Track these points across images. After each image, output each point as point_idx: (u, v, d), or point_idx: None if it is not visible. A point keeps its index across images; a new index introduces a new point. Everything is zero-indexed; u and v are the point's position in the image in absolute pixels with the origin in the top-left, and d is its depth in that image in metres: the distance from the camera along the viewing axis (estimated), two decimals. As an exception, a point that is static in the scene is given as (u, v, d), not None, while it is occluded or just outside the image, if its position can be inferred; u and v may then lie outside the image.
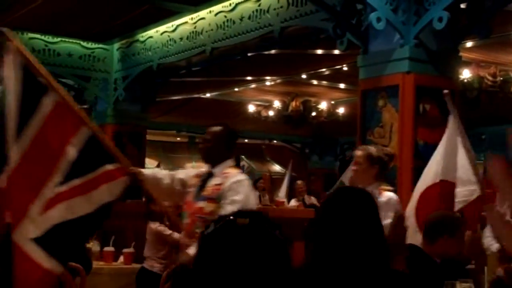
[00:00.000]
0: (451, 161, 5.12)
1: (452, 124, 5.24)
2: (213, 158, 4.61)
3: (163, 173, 4.82)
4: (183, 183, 4.71)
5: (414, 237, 4.74)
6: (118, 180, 4.32)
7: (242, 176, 4.56)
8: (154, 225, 6.68)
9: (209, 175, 4.58)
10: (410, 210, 5.09)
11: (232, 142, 4.72)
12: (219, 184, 4.47)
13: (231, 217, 1.57)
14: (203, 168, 4.67)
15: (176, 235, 6.21)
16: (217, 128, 4.71)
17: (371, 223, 2.64)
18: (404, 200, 5.74)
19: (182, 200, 4.69)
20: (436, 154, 5.24)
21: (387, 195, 4.73)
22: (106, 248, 7.14)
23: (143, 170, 4.71)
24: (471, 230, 5.33)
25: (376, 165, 4.81)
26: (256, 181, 13.52)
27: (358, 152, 4.93)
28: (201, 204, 4.47)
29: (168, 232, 6.59)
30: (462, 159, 5.11)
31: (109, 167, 4.29)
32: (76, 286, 4.85)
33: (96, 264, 6.16)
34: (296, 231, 5.42)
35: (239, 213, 1.60)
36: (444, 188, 5.05)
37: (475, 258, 6.84)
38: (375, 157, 4.82)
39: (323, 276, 2.55)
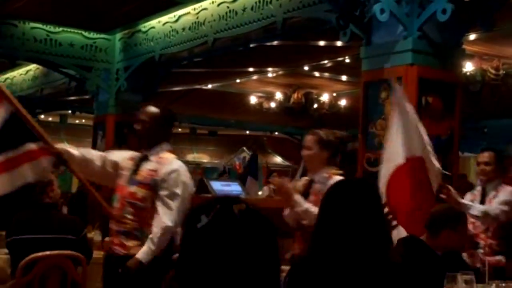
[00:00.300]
0: (412, 137, 4.88)
1: (401, 107, 4.97)
2: (149, 140, 4.47)
3: (93, 154, 4.62)
4: (115, 165, 4.54)
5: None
6: (40, 159, 4.21)
7: (178, 164, 4.41)
8: None
9: (143, 159, 4.44)
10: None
11: (170, 124, 4.57)
12: (154, 170, 4.33)
13: (223, 204, 1.48)
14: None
15: None
16: (154, 109, 4.52)
17: (373, 215, 2.64)
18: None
19: (114, 183, 4.53)
20: (393, 136, 4.98)
21: (336, 179, 4.52)
22: (107, 238, 7.13)
23: (70, 150, 4.50)
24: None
25: (327, 149, 4.70)
26: (268, 175, 13.57)
27: (308, 137, 4.80)
28: (133, 188, 4.33)
29: None
30: (424, 133, 4.94)
31: (32, 146, 4.19)
32: (78, 275, 4.87)
33: (97, 253, 6.15)
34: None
35: (227, 199, 1.52)
36: (412, 165, 4.81)
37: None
38: (325, 141, 4.71)
39: (323, 266, 2.55)
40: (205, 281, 1.41)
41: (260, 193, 13.43)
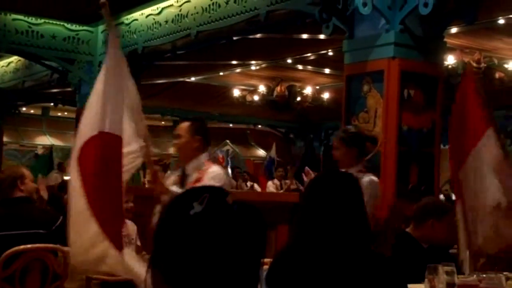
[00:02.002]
0: (117, 113, 3.98)
1: (112, 69, 4.05)
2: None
3: None
4: None
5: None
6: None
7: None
8: None
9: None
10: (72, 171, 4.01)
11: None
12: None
13: (212, 194, 1.48)
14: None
15: None
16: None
17: (354, 206, 2.66)
18: (387, 184, 5.78)
19: None
20: (93, 103, 4.04)
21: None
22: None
23: None
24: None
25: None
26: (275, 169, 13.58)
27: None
28: None
29: None
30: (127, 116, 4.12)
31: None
32: (60, 267, 4.83)
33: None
34: (279, 215, 5.42)
35: (214, 188, 1.51)
36: (105, 141, 3.91)
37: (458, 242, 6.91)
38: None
39: (305, 257, 2.56)
40: (196, 270, 1.41)
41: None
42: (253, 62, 12.01)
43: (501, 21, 8.00)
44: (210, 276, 1.39)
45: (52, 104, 16.87)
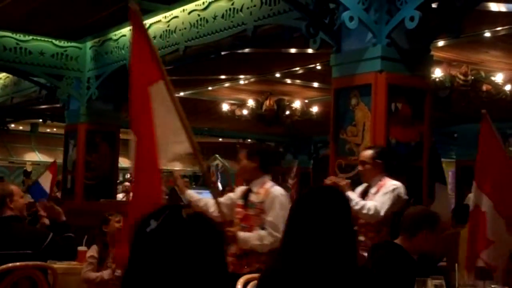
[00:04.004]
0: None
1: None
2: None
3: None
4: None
5: None
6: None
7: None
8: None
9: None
10: None
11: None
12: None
13: (172, 210, 1.55)
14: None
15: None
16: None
17: (341, 222, 2.66)
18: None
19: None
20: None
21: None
22: (79, 248, 7.08)
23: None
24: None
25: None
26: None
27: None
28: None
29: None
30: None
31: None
32: (49, 285, 4.81)
33: (68, 264, 6.10)
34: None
35: (177, 206, 1.59)
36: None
37: (447, 255, 6.93)
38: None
39: (292, 274, 2.56)
40: (153, 284, 1.46)
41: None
42: (241, 76, 12.04)
43: (487, 34, 8.06)
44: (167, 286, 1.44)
45: (40, 120, 16.85)
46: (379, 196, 5.19)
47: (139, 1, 8.36)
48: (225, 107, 14.17)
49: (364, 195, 5.37)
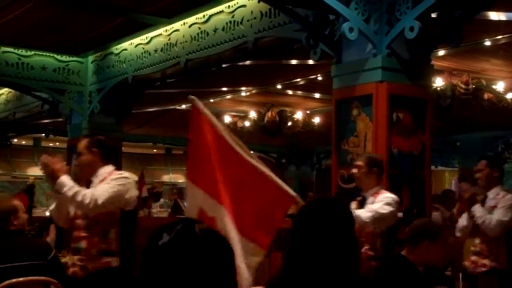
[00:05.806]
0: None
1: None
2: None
3: None
4: None
5: None
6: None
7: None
8: None
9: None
10: None
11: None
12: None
13: (186, 224, 1.57)
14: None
15: None
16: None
17: (345, 233, 2.66)
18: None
19: None
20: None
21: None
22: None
23: None
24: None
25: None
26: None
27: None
28: None
29: None
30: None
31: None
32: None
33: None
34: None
35: (190, 220, 1.61)
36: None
37: (452, 264, 6.92)
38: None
39: (296, 285, 2.56)
40: None
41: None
42: (243, 88, 12.07)
43: (487, 42, 8.08)
44: None
45: (43, 134, 16.89)
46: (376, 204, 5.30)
47: (140, 15, 8.45)
48: (227, 119, 14.19)
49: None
